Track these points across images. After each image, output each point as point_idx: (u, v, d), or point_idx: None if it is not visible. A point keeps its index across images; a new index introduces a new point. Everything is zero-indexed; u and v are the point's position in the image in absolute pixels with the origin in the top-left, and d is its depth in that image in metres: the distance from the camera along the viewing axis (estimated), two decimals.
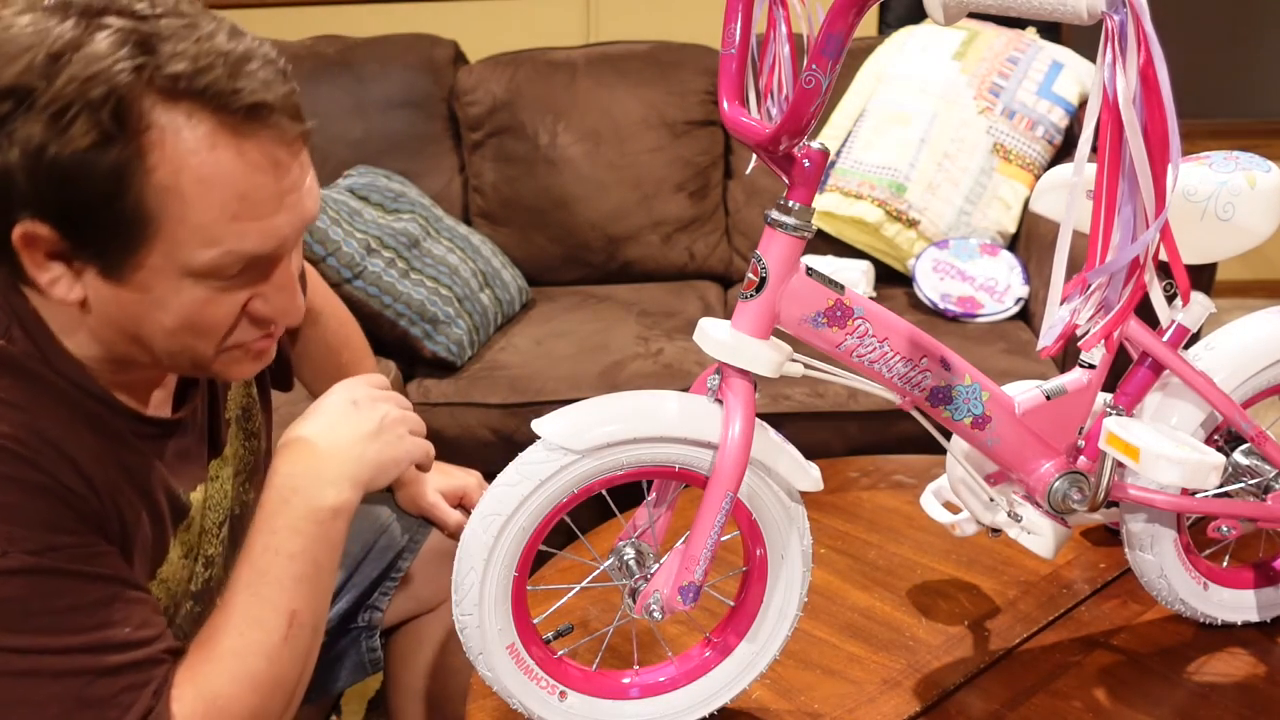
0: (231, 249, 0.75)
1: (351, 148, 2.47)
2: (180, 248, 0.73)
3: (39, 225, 0.72)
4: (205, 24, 0.73)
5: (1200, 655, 1.03)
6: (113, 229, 0.72)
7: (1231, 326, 1.02)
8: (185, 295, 0.76)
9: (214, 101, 0.71)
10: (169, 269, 0.74)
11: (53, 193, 0.71)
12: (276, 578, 0.83)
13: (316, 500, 0.86)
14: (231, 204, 0.73)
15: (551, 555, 1.15)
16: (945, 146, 2.29)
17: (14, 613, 0.73)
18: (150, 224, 0.72)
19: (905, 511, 1.29)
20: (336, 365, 1.23)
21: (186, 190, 0.72)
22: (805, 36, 0.83)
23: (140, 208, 0.71)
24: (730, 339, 0.85)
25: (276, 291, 0.81)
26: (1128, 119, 0.69)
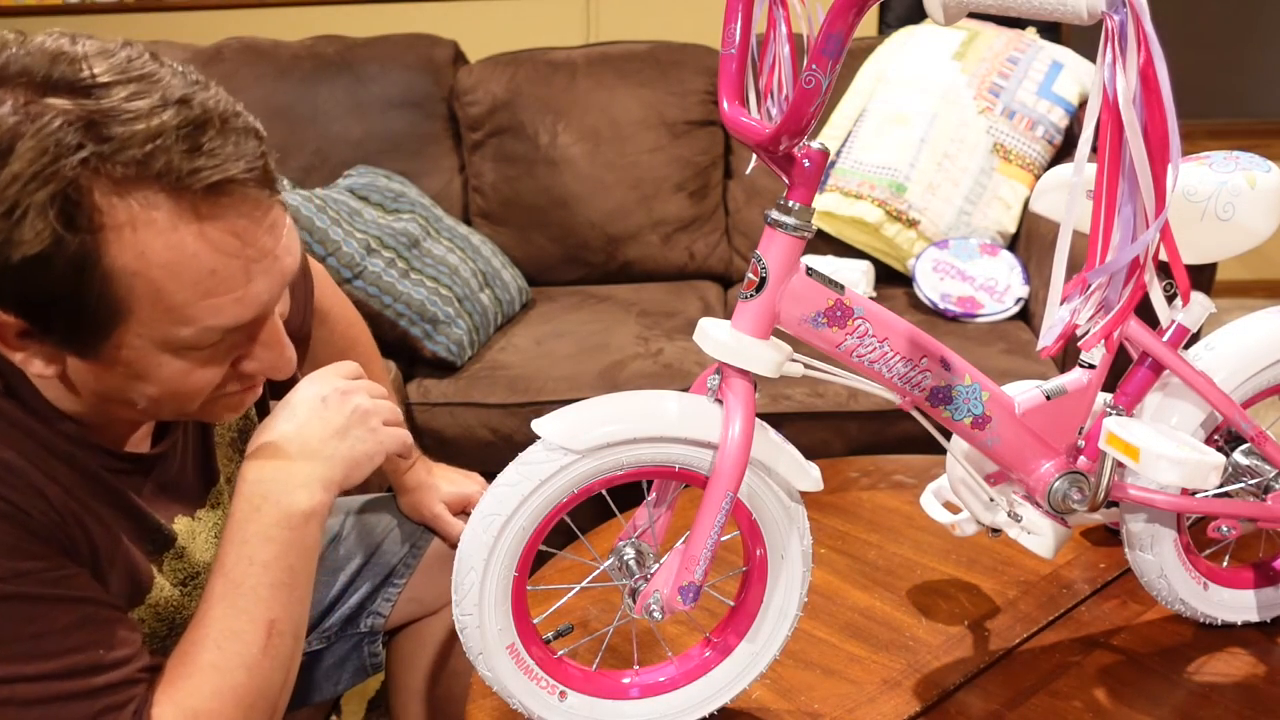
0: (208, 324, 0.72)
1: (351, 148, 2.47)
2: (154, 329, 0.71)
3: (4, 315, 0.70)
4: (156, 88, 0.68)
5: (1200, 655, 1.03)
6: (80, 318, 0.70)
7: (1231, 326, 1.02)
8: (166, 369, 0.74)
9: (171, 184, 0.67)
10: (146, 347, 0.72)
11: (12, 288, 0.68)
12: (252, 588, 0.81)
13: (287, 505, 0.83)
14: (202, 282, 0.70)
15: (551, 555, 1.15)
16: (945, 146, 2.29)
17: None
18: (119, 310, 0.70)
19: (905, 511, 1.29)
20: None
21: (152, 275, 0.69)
22: (805, 36, 0.83)
23: (105, 296, 0.69)
24: (730, 339, 0.85)
25: (264, 349, 0.79)
26: (1128, 119, 0.69)
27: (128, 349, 0.72)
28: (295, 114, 2.48)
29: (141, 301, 0.70)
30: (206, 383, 0.77)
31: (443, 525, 1.22)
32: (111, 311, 0.70)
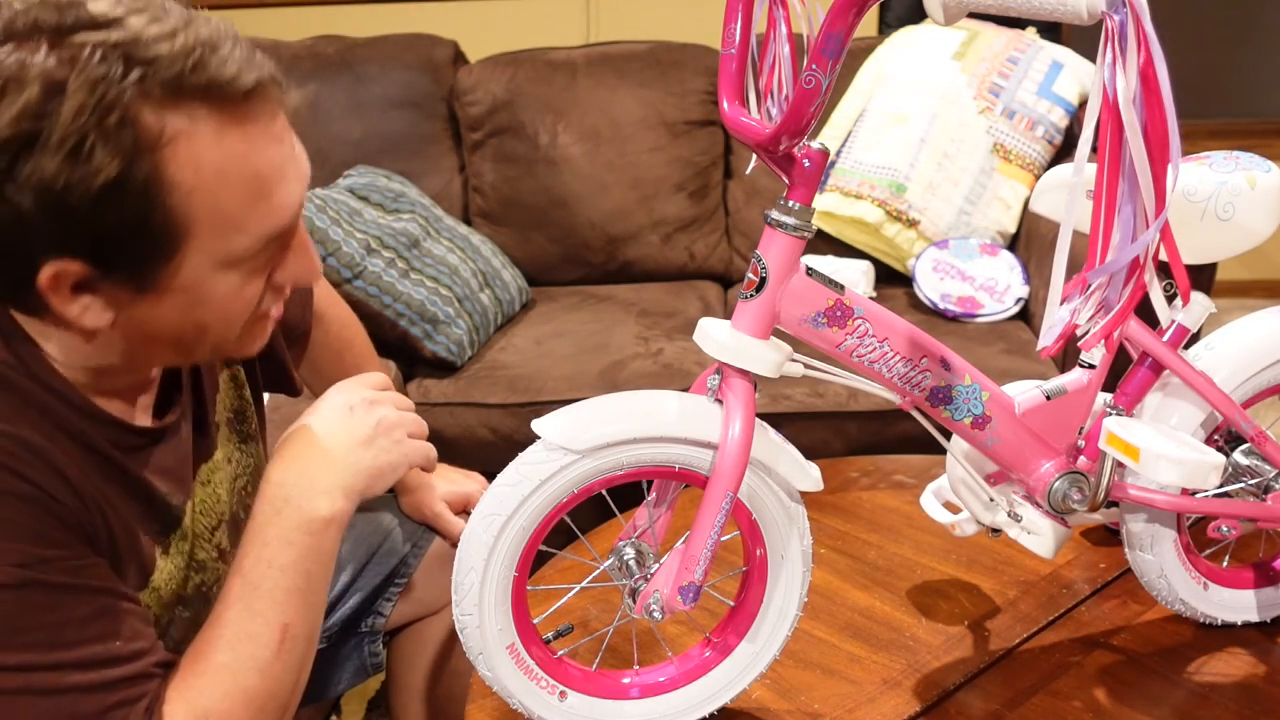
0: (259, 231, 0.75)
1: (351, 148, 2.47)
2: (214, 243, 0.74)
3: (68, 263, 0.71)
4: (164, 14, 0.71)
5: (1200, 655, 1.03)
6: (148, 246, 0.72)
7: (1231, 326, 1.02)
8: (221, 287, 0.76)
9: (214, 94, 0.70)
10: (205, 266, 0.74)
11: (81, 227, 0.69)
12: (268, 591, 0.82)
13: (309, 510, 0.84)
14: (250, 187, 0.73)
15: (551, 555, 1.15)
16: (945, 146, 2.29)
17: (3, 629, 0.72)
18: (182, 230, 0.72)
19: (905, 511, 1.29)
20: (340, 367, 1.23)
21: (209, 187, 0.71)
22: (805, 36, 0.83)
23: (171, 217, 0.71)
24: (730, 339, 0.85)
25: (295, 257, 0.81)
26: (1128, 119, 0.69)
27: (187, 272, 0.74)
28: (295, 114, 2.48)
29: (201, 216, 0.72)
30: (251, 298, 0.79)
31: (444, 524, 1.22)
32: (175, 232, 0.72)
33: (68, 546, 0.76)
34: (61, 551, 0.75)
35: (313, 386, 1.24)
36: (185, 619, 0.93)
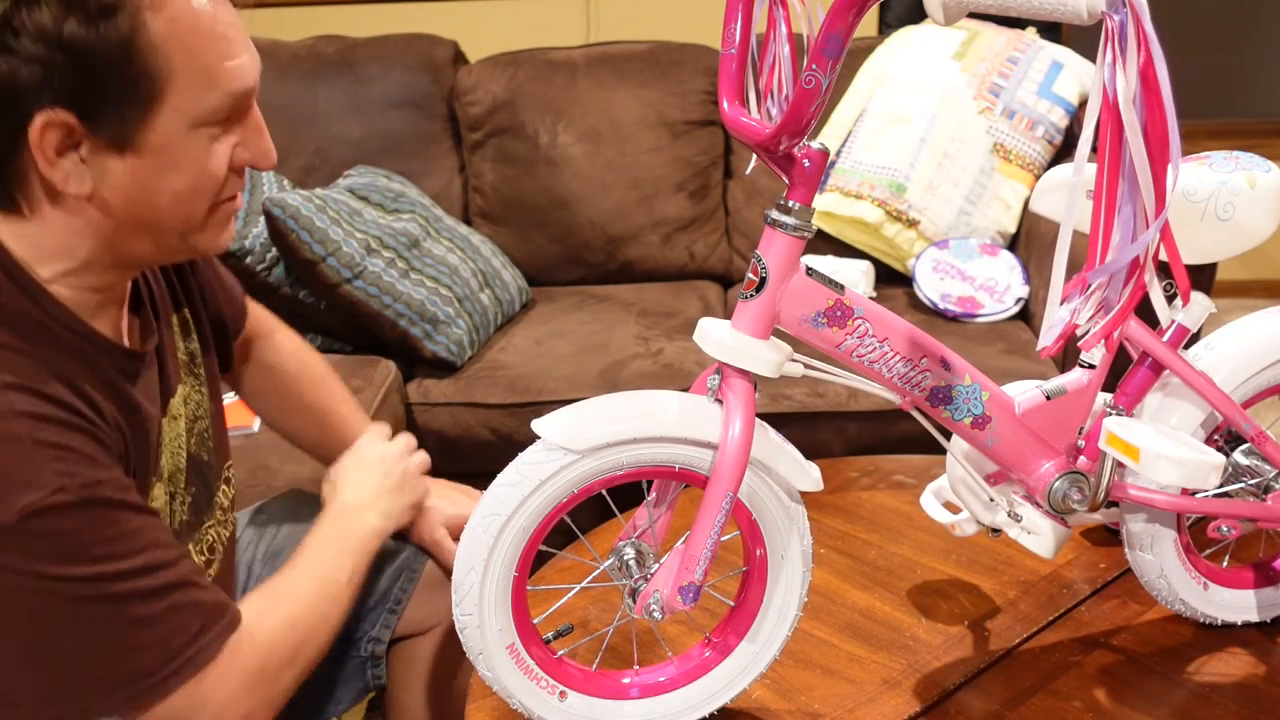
0: (225, 89, 0.81)
1: (351, 148, 2.47)
2: (186, 98, 0.80)
3: (57, 112, 0.76)
4: None
5: (1200, 655, 1.03)
6: (129, 93, 0.77)
7: (1231, 326, 1.02)
8: (194, 149, 0.82)
9: None
10: (177, 124, 0.80)
11: (69, 73, 0.75)
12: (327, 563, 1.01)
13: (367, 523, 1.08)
14: (219, 46, 0.81)
15: (551, 555, 1.15)
16: (945, 146, 2.29)
17: (75, 544, 0.78)
18: (159, 80, 0.78)
19: (905, 511, 1.29)
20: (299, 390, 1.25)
21: (185, 42, 0.78)
22: (805, 36, 0.83)
23: (150, 66, 0.77)
24: (730, 339, 0.85)
25: (255, 135, 0.87)
26: (1128, 119, 0.69)
27: (163, 130, 0.80)
28: (295, 114, 2.48)
29: (177, 69, 0.79)
30: (218, 170, 0.85)
31: (443, 552, 1.20)
32: (153, 82, 0.78)
33: (112, 468, 0.83)
34: (111, 474, 0.82)
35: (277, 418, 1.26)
36: None
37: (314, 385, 1.25)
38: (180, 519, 0.99)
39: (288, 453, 1.65)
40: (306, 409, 1.24)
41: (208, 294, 1.10)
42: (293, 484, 1.57)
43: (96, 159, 0.79)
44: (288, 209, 1.92)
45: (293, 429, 1.26)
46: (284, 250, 1.95)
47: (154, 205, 0.83)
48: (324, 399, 1.25)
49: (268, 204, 1.92)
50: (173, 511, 0.97)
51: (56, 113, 0.76)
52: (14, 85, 0.75)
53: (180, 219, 0.85)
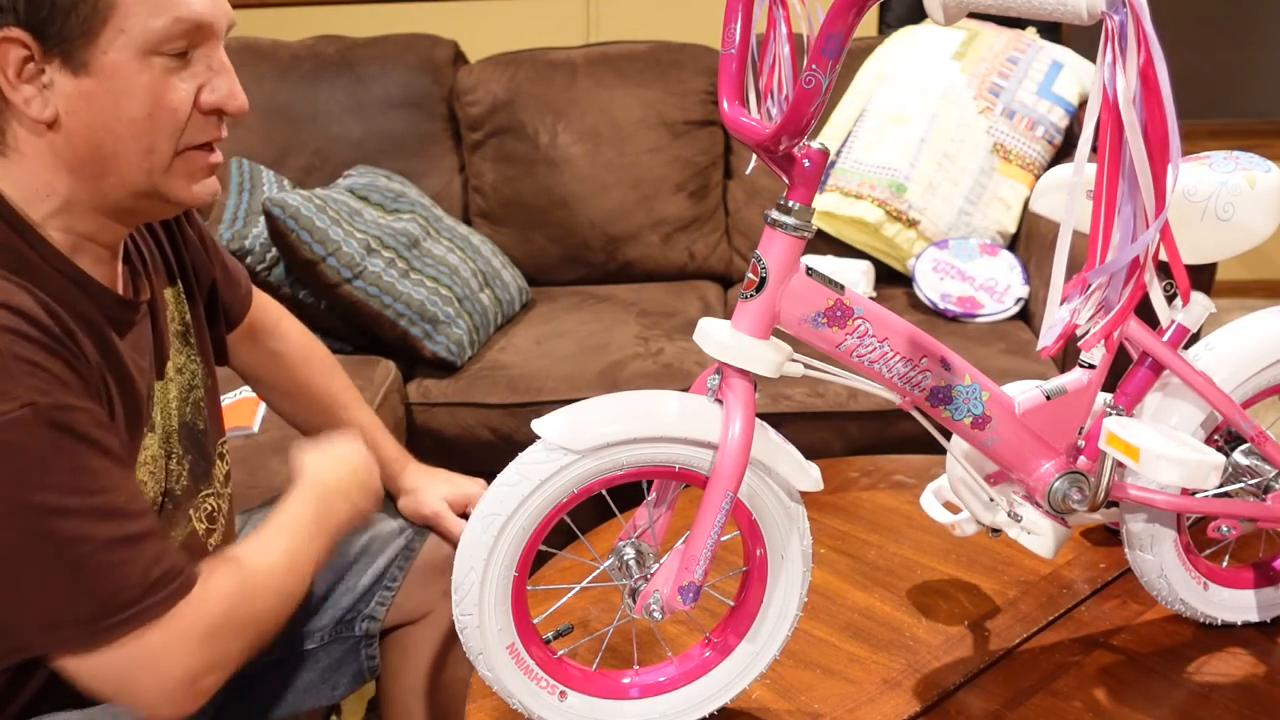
0: (175, 15, 0.84)
1: (351, 148, 2.47)
2: (133, 20, 0.82)
3: (13, 30, 0.80)
4: None
5: (1200, 655, 1.03)
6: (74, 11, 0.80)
7: (1231, 326, 1.02)
8: (144, 77, 0.84)
9: None
10: (127, 47, 0.83)
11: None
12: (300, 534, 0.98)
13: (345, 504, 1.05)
14: None
15: (551, 555, 1.15)
16: (945, 146, 2.29)
17: (33, 466, 0.78)
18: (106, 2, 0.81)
19: (905, 511, 1.29)
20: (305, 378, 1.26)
21: None
22: (805, 36, 0.83)
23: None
24: (730, 339, 0.85)
25: (219, 76, 0.89)
26: (1128, 119, 0.69)
27: (114, 52, 0.82)
28: (295, 114, 2.48)
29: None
30: (178, 103, 0.86)
31: (444, 523, 1.22)
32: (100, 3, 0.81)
33: (85, 400, 0.83)
34: (85, 404, 0.82)
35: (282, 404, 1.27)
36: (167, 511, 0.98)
37: (319, 373, 1.27)
38: (181, 482, 0.99)
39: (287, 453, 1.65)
40: (312, 396, 1.26)
41: (201, 271, 1.11)
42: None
43: (55, 81, 0.82)
44: (288, 209, 1.92)
45: (297, 414, 1.28)
46: (284, 250, 1.95)
47: (112, 133, 0.85)
48: (328, 386, 1.27)
49: (268, 204, 1.92)
50: (169, 470, 0.98)
51: (12, 30, 0.80)
52: None
53: (140, 152, 0.86)
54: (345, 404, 1.27)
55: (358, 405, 1.28)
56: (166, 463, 0.98)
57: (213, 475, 1.07)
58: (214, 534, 1.06)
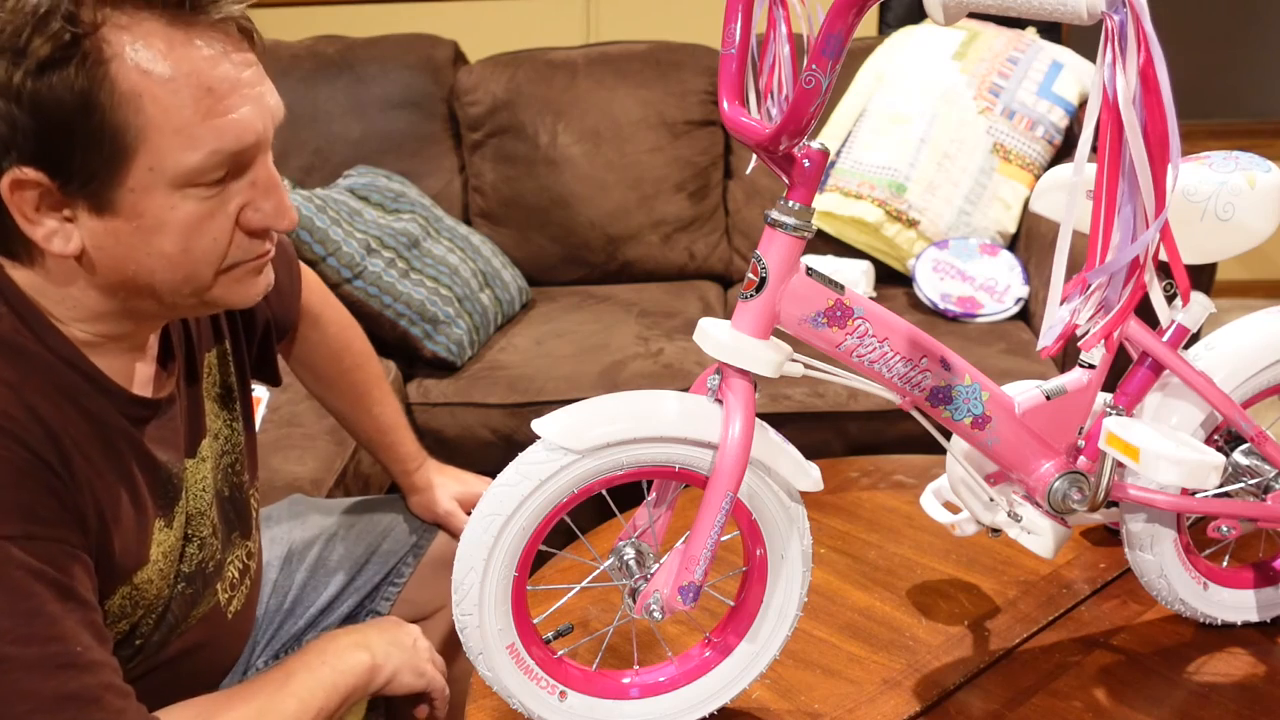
0: (212, 148, 0.75)
1: (351, 148, 2.47)
2: (163, 157, 0.74)
3: (24, 170, 0.72)
4: None
5: (1200, 655, 1.03)
6: (94, 150, 0.72)
7: (1231, 326, 1.02)
8: (179, 212, 0.76)
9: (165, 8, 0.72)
10: (157, 185, 0.74)
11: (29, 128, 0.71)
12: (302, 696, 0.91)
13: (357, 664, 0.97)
14: (201, 100, 0.74)
15: (551, 555, 1.15)
16: (945, 146, 2.29)
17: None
18: (128, 136, 0.72)
19: (905, 511, 1.29)
20: (339, 369, 1.24)
21: (155, 93, 0.72)
22: (805, 36, 0.83)
23: (115, 120, 0.72)
24: (730, 339, 0.85)
25: (264, 196, 0.81)
26: (1128, 119, 0.69)
27: (141, 191, 0.74)
28: (295, 114, 2.47)
29: (149, 124, 0.72)
30: (217, 235, 0.79)
31: (455, 522, 1.22)
32: (122, 138, 0.72)
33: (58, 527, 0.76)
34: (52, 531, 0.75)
35: (312, 387, 1.25)
36: (185, 595, 0.94)
37: (352, 366, 1.25)
38: (196, 561, 0.95)
39: (287, 453, 1.65)
40: (342, 387, 1.25)
41: (256, 314, 1.06)
42: (293, 484, 1.57)
43: (78, 219, 0.75)
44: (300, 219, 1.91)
45: (328, 401, 1.26)
46: None
47: (145, 267, 0.78)
48: (358, 379, 1.25)
49: None
50: (186, 555, 0.93)
51: (25, 171, 0.72)
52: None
53: (178, 283, 0.80)
54: (375, 399, 1.25)
55: (385, 400, 1.26)
56: (183, 549, 0.92)
57: (250, 537, 1.05)
58: (237, 597, 1.02)
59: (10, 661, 0.72)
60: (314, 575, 1.19)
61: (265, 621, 1.17)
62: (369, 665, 0.97)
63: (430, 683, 1.02)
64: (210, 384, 1.00)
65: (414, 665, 1.00)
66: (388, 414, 1.26)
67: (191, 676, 0.97)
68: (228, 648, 1.05)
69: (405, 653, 1.00)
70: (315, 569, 1.20)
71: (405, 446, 1.26)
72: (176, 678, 0.95)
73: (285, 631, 1.17)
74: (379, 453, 1.26)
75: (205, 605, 0.97)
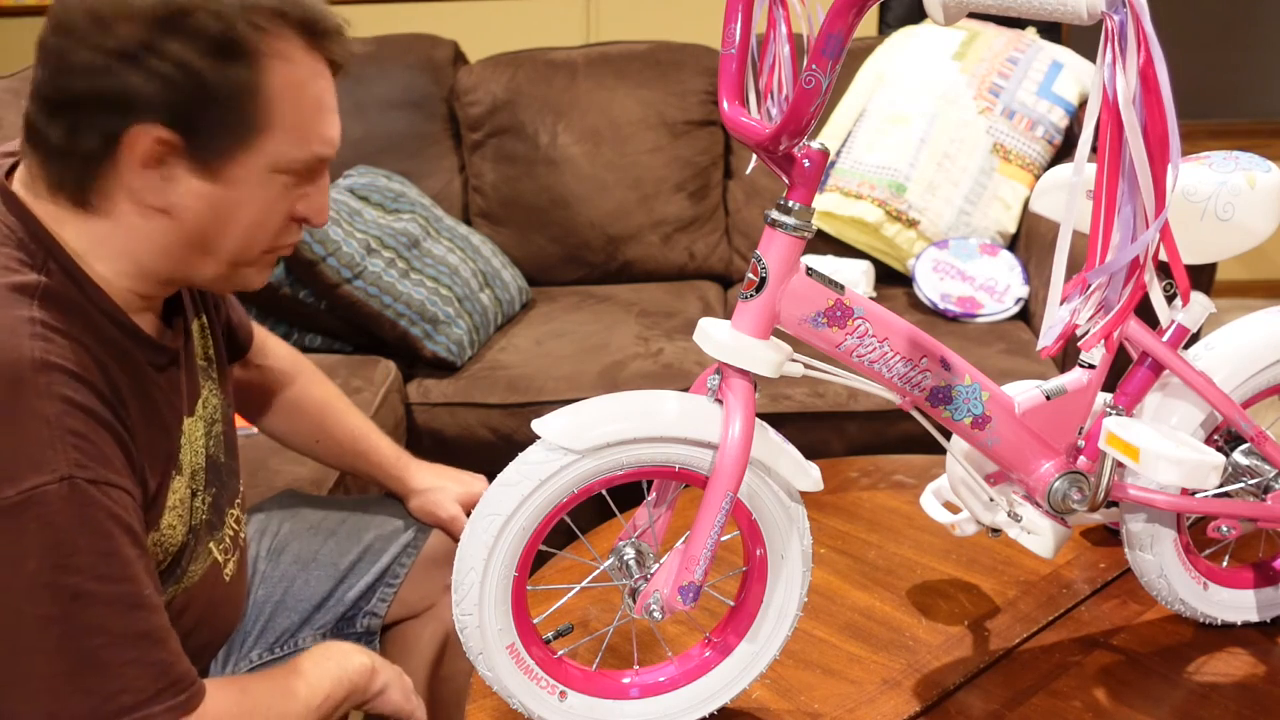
0: (313, 151, 0.89)
1: (351, 148, 2.45)
2: (278, 147, 0.86)
3: (161, 129, 0.81)
4: None
5: (1200, 655, 1.03)
6: (232, 129, 0.84)
7: (1231, 326, 1.02)
8: (266, 190, 0.87)
9: (309, 26, 0.86)
10: (262, 166, 0.86)
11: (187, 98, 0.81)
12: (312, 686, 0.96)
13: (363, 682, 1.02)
14: (317, 109, 0.89)
15: (551, 555, 1.15)
16: (945, 146, 2.29)
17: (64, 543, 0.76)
18: (261, 125, 0.84)
19: (905, 511, 1.29)
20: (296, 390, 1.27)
21: (293, 100, 0.86)
22: (805, 36, 0.83)
23: (257, 111, 0.84)
24: (730, 339, 0.85)
25: (318, 193, 0.92)
26: (1128, 119, 0.69)
27: (246, 168, 0.85)
28: None
29: (278, 121, 0.85)
30: (281, 216, 0.90)
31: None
32: (255, 126, 0.84)
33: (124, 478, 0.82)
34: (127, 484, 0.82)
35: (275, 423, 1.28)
36: (192, 548, 0.97)
37: (310, 382, 1.28)
38: (201, 517, 0.99)
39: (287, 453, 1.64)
40: (304, 407, 1.27)
41: (220, 303, 1.11)
42: (292, 484, 1.57)
43: (180, 178, 0.84)
44: None
45: (287, 427, 1.29)
46: None
47: (220, 232, 0.87)
48: (320, 394, 1.28)
49: None
50: (194, 508, 0.97)
51: (160, 129, 0.81)
52: (128, 93, 0.80)
53: (238, 249, 0.89)
54: (338, 409, 1.28)
55: (349, 410, 1.28)
56: (191, 501, 0.97)
57: (235, 503, 1.07)
58: (230, 561, 1.05)
59: (90, 597, 0.78)
60: (304, 569, 1.19)
61: (255, 611, 1.17)
62: (370, 668, 1.01)
63: (414, 711, 1.06)
64: (199, 351, 1.04)
65: (404, 685, 1.06)
66: (355, 422, 1.27)
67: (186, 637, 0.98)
68: (225, 616, 1.07)
69: (396, 673, 1.05)
70: (306, 562, 1.20)
71: (384, 449, 1.27)
72: None
73: (277, 625, 1.17)
74: (359, 462, 1.27)
75: (203, 562, 1.00)
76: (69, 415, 0.78)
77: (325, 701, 0.95)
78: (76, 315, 0.84)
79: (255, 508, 1.27)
